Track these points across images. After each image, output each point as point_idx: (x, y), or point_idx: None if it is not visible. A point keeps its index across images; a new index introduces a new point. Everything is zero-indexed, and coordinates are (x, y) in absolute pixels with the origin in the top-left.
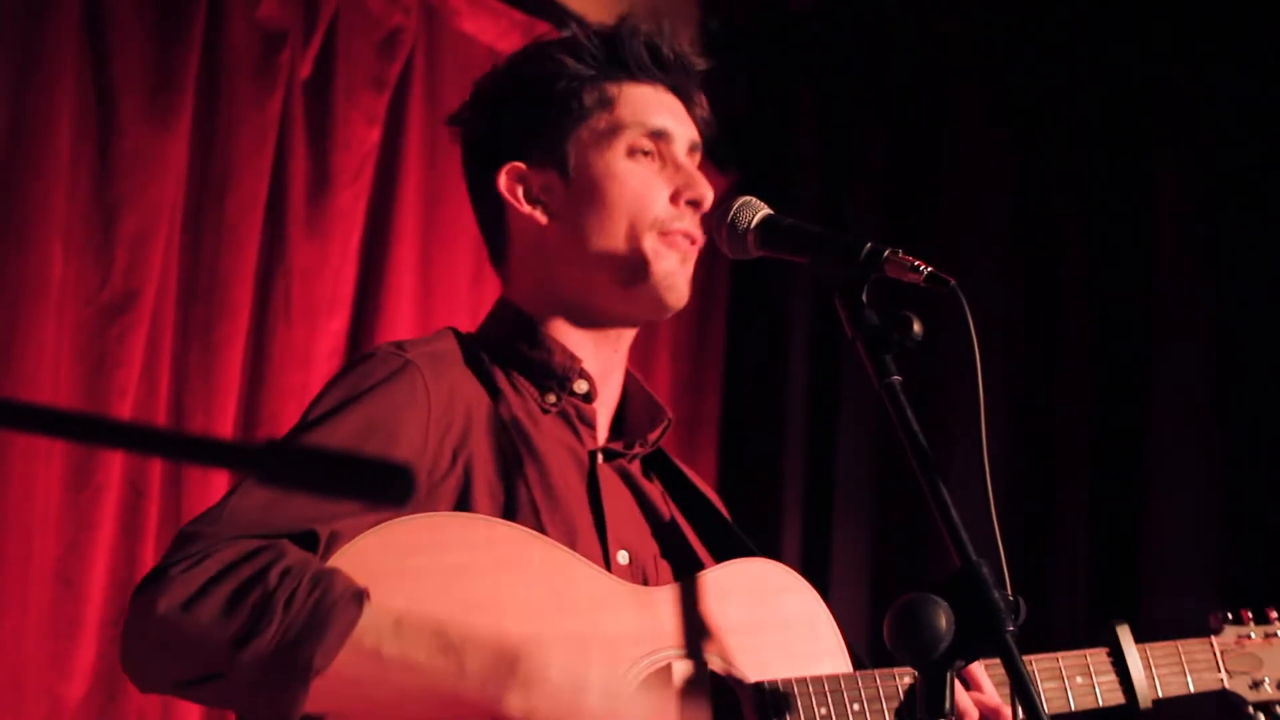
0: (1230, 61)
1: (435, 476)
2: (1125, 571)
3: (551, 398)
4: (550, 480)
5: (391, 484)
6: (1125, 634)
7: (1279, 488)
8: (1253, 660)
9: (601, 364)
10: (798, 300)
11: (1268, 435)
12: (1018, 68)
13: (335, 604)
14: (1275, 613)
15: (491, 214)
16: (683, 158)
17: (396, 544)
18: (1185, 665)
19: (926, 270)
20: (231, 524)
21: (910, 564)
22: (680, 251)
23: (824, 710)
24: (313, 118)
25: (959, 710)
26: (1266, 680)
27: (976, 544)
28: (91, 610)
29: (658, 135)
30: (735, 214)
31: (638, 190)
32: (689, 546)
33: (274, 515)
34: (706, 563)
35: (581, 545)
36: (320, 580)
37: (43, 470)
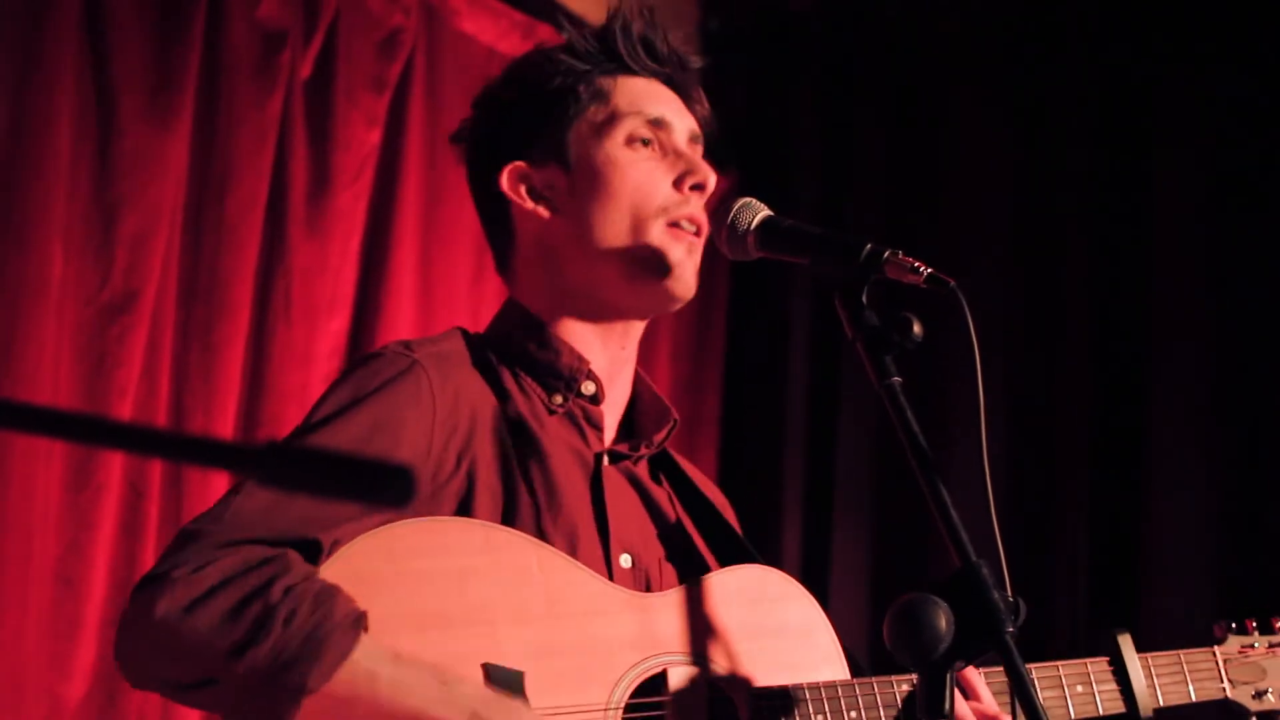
0: (1230, 61)
1: (439, 479)
2: (1125, 571)
3: (558, 399)
4: (554, 482)
5: (394, 487)
6: (1127, 643)
7: (1279, 488)
8: (1256, 670)
9: (609, 362)
10: (798, 300)
11: (1268, 435)
12: (1018, 68)
13: (335, 628)
14: None
15: (496, 217)
16: (683, 146)
17: (394, 547)
18: (1187, 674)
19: (926, 271)
20: (234, 525)
21: (910, 564)
22: (686, 242)
23: (821, 717)
24: (313, 118)
25: (957, 718)
26: (1270, 691)
27: (976, 544)
28: (91, 610)
29: (656, 124)
30: (735, 215)
31: (639, 178)
32: (695, 550)
33: (276, 517)
34: (712, 567)
35: (583, 548)
36: (322, 601)
37: (43, 470)
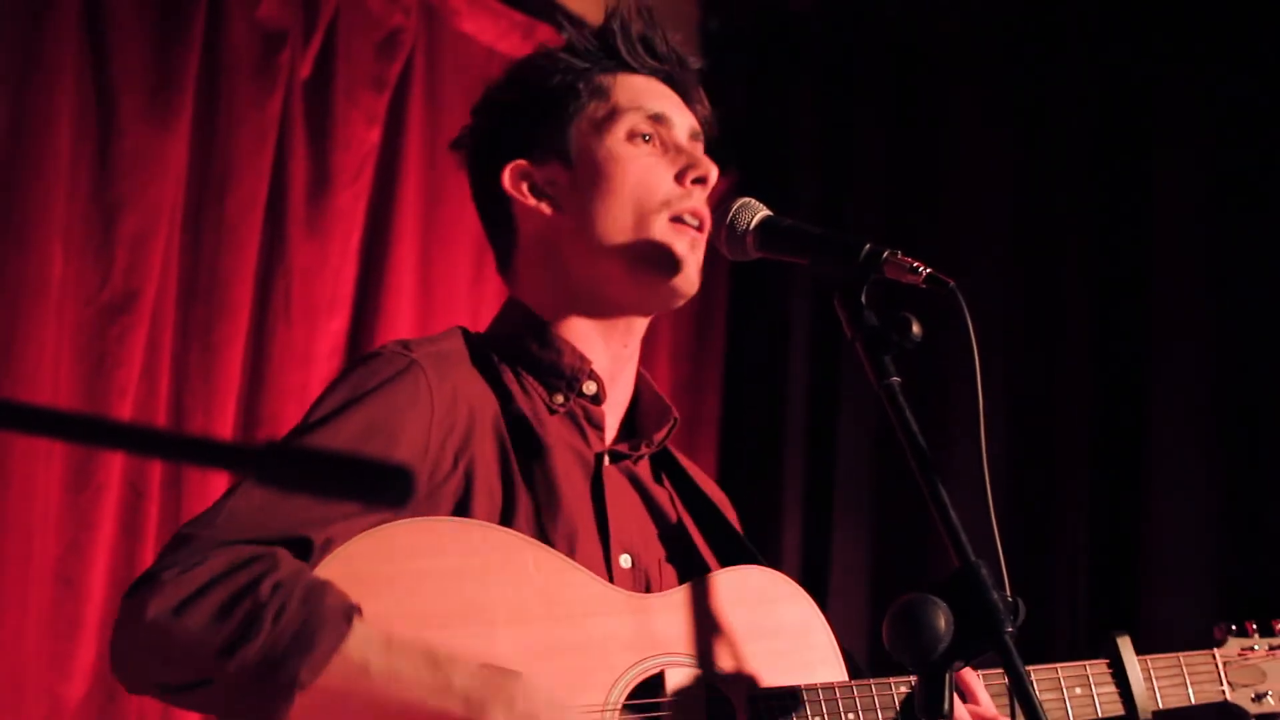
0: (1230, 61)
1: (436, 479)
2: (1125, 572)
3: (560, 398)
4: (553, 482)
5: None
6: (1126, 645)
7: (1279, 488)
8: (1256, 673)
9: (611, 361)
10: (798, 300)
11: (1268, 435)
12: (1018, 68)
13: (325, 620)
14: None
15: (498, 217)
16: (684, 141)
17: (390, 547)
18: (1187, 677)
19: (926, 271)
20: (228, 526)
21: (910, 564)
22: (689, 237)
23: (819, 719)
24: (313, 118)
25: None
26: (1270, 694)
27: (976, 544)
28: (91, 610)
29: (657, 119)
30: (734, 215)
31: (641, 172)
32: (695, 551)
33: (270, 518)
34: (713, 567)
35: (582, 548)
36: (312, 595)
37: (43, 470)
